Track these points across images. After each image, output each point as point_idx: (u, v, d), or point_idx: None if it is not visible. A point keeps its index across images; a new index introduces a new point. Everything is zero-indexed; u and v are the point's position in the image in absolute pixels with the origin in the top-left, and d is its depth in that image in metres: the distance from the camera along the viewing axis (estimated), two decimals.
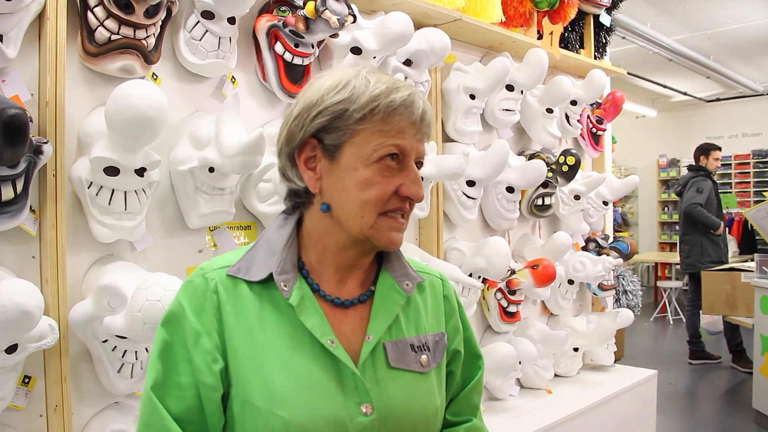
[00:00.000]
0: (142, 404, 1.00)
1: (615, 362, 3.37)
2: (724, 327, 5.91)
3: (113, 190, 1.58)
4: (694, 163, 6.33)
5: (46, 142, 1.46)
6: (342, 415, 0.98)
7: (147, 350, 1.64)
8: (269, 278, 1.03)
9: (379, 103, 0.98)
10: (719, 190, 6.22)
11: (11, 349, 1.37)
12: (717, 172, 6.27)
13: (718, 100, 11.09)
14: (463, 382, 1.20)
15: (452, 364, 1.17)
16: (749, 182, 10.88)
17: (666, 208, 11.75)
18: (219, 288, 1.02)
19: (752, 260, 5.18)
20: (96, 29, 1.58)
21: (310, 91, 1.04)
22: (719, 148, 6.27)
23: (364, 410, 0.99)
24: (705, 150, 6.23)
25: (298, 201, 1.09)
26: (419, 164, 1.06)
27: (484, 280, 2.63)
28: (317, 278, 1.07)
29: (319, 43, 2.02)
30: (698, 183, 6.02)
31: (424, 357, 1.08)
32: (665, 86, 9.55)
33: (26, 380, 1.52)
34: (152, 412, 0.98)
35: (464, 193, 2.54)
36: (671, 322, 8.32)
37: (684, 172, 11.27)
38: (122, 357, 1.59)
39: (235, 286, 1.03)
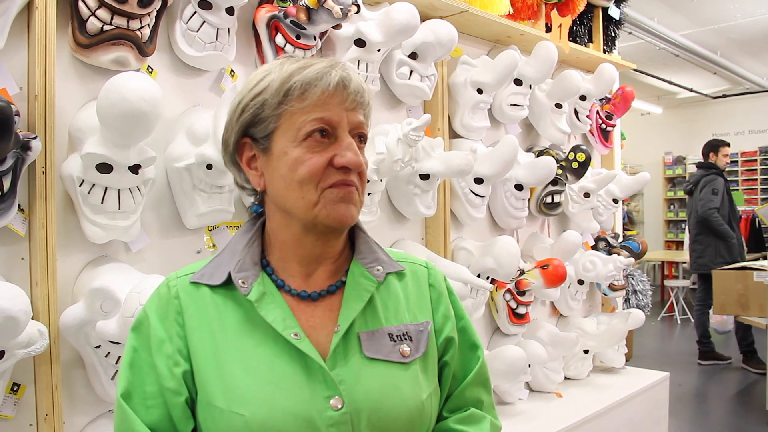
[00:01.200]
0: (115, 413, 1.00)
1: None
2: (735, 327, 5.82)
3: (106, 188, 1.51)
4: (702, 161, 6.20)
5: (34, 138, 1.40)
6: (308, 410, 0.94)
7: None
8: (230, 280, 1.02)
9: (291, 83, 0.98)
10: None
11: None
12: (726, 169, 6.15)
13: (724, 96, 10.99)
14: (462, 375, 1.14)
15: (446, 354, 1.12)
16: (756, 179, 10.78)
17: (672, 206, 11.66)
18: (180, 293, 1.03)
19: (763, 258, 5.10)
20: (87, 19, 1.50)
21: (234, 97, 1.05)
22: (728, 144, 6.15)
23: (334, 404, 0.95)
24: (714, 147, 6.11)
25: (255, 205, 1.11)
26: (361, 137, 1.03)
27: (493, 281, 2.55)
28: (282, 275, 1.05)
29: (322, 34, 1.95)
30: (712, 183, 5.88)
31: (404, 347, 1.04)
32: (671, 82, 9.46)
33: (15, 388, 1.45)
34: (123, 420, 0.98)
35: (472, 191, 2.47)
36: (679, 322, 8.24)
37: (690, 169, 11.23)
38: (116, 363, 1.52)
39: (197, 292, 1.03)
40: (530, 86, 2.71)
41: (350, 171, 0.99)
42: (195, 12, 1.70)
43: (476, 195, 2.47)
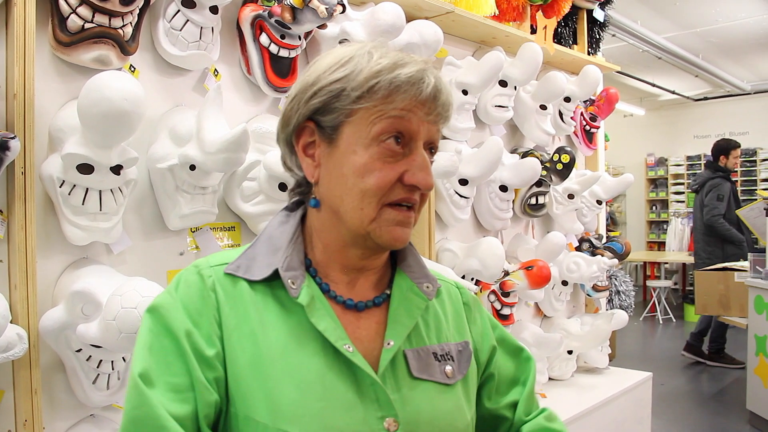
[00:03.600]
0: (129, 395, 0.84)
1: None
2: (714, 325, 5.88)
3: (87, 189, 1.48)
4: (711, 160, 6.01)
5: (13, 138, 1.37)
6: (362, 431, 0.86)
7: (124, 360, 1.55)
8: (273, 277, 0.92)
9: (380, 80, 0.87)
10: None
11: None
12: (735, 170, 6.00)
13: (705, 99, 11.11)
14: (519, 379, 1.11)
15: (489, 366, 1.08)
16: (737, 181, 10.90)
17: (654, 207, 11.77)
18: (217, 287, 0.91)
19: (744, 259, 5.15)
20: (68, 17, 1.48)
21: (309, 70, 0.94)
22: (739, 145, 5.95)
23: (388, 425, 0.88)
24: (724, 149, 5.90)
25: (301, 194, 1.01)
26: (432, 150, 0.95)
27: (477, 282, 2.55)
28: (326, 278, 0.96)
29: (307, 34, 1.94)
30: (717, 188, 5.78)
31: (448, 368, 0.98)
32: (654, 85, 9.54)
33: None
34: (142, 403, 0.82)
35: (456, 192, 2.46)
36: (661, 322, 8.31)
37: (673, 170, 11.35)
38: (97, 367, 1.50)
39: (234, 285, 0.91)
40: (515, 87, 2.71)
41: (416, 190, 0.91)
42: (178, 10, 1.68)
43: (461, 196, 2.47)
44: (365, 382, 0.89)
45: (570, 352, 3.03)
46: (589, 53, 3.43)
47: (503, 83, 2.65)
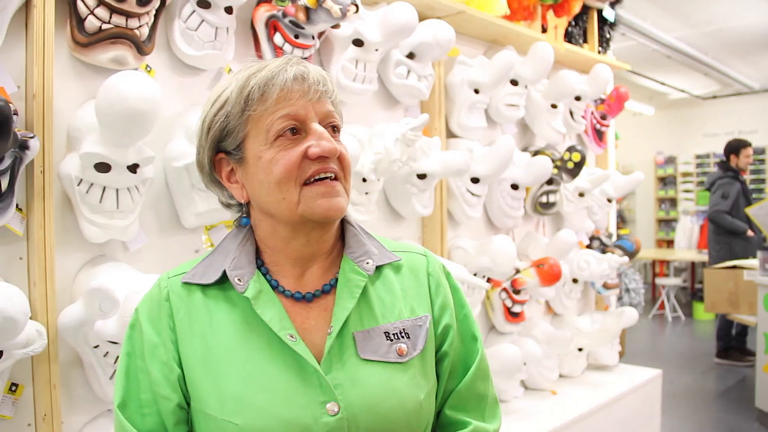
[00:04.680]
0: (114, 424, 0.99)
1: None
2: (719, 324, 5.88)
3: (104, 188, 1.50)
4: (724, 160, 6.03)
5: (32, 137, 1.39)
6: (303, 417, 0.91)
7: None
8: (224, 279, 1.00)
9: (249, 89, 0.96)
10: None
11: None
12: (747, 168, 5.98)
13: (714, 97, 11.04)
14: (463, 369, 1.08)
15: (444, 343, 1.06)
16: (746, 180, 10.84)
17: (663, 205, 11.73)
18: (171, 296, 1.01)
19: (753, 257, 5.13)
20: (86, 18, 1.50)
21: (198, 119, 1.05)
22: (749, 144, 5.94)
23: (330, 409, 0.92)
24: (734, 148, 5.93)
25: (243, 217, 1.09)
26: (333, 127, 1.01)
27: (489, 280, 2.56)
28: (276, 275, 1.03)
29: (320, 34, 1.95)
30: (724, 186, 5.81)
31: (401, 345, 0.99)
32: (663, 83, 9.50)
33: (13, 388, 1.45)
34: (121, 429, 0.97)
35: (468, 190, 2.47)
36: (670, 320, 8.28)
37: (682, 168, 11.31)
38: (114, 363, 1.52)
39: (189, 293, 1.01)
40: (526, 86, 2.72)
41: (328, 159, 0.96)
42: (194, 11, 1.69)
43: (473, 194, 2.48)
44: (308, 369, 0.94)
45: (580, 350, 3.04)
46: (599, 52, 3.43)
47: (514, 82, 2.66)
